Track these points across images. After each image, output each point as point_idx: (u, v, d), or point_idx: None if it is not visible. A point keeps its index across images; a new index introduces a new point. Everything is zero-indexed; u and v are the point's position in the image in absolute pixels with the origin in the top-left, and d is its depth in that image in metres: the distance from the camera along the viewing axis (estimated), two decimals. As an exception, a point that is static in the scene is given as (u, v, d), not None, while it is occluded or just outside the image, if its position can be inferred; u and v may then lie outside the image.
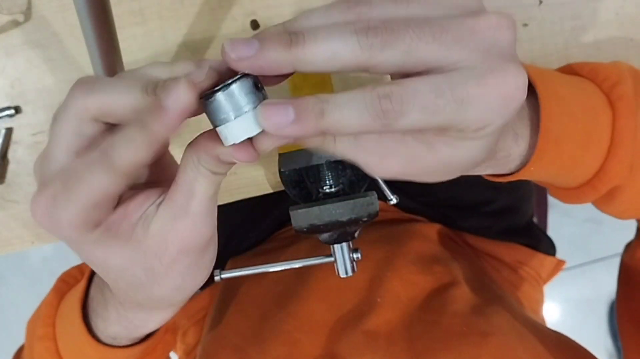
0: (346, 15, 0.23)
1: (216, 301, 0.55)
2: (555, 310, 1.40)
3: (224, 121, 0.23)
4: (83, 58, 0.43)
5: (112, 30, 0.33)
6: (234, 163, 0.26)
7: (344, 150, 0.25)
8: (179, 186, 0.27)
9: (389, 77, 0.29)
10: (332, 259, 0.39)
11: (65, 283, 0.42)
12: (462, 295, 0.46)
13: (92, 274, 0.40)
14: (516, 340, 0.41)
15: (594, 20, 0.45)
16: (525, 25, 0.45)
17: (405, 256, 0.50)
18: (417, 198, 0.62)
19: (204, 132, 0.26)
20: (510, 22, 0.24)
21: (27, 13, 0.42)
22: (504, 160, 0.33)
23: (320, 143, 0.25)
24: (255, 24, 0.43)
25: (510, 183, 0.61)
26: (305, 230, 0.37)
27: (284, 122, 0.22)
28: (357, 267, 0.39)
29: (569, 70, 0.38)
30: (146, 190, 0.28)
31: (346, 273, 0.38)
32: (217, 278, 0.38)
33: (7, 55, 0.43)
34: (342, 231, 0.38)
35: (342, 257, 0.38)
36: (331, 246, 0.38)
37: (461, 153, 0.25)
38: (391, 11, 0.23)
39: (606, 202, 0.38)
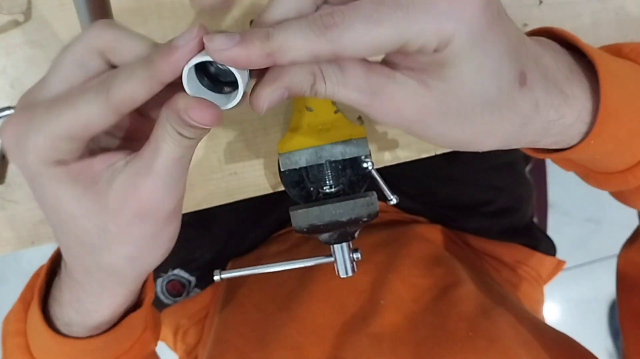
0: None
1: (218, 303, 0.55)
2: (555, 310, 1.40)
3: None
4: (83, 58, 0.43)
5: (112, 30, 0.33)
6: (198, 127, 0.25)
7: (334, 90, 0.25)
8: (149, 143, 0.26)
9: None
10: (332, 259, 0.39)
11: (39, 276, 0.41)
12: (467, 295, 0.46)
13: (55, 260, 0.38)
14: (521, 347, 0.41)
15: (594, 20, 0.45)
16: (525, 25, 0.45)
17: (406, 258, 0.49)
18: (418, 198, 0.62)
19: (178, 94, 0.25)
20: None
21: (27, 13, 0.42)
22: (558, 124, 0.29)
23: (310, 85, 0.25)
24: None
25: (510, 182, 0.61)
26: (305, 230, 0.37)
27: (228, 44, 0.22)
28: (357, 267, 0.39)
29: (615, 50, 0.36)
30: (119, 144, 0.28)
31: (346, 273, 0.38)
32: (217, 278, 0.37)
33: (7, 55, 0.43)
34: (342, 231, 0.38)
35: (342, 257, 0.38)
36: (331, 246, 0.38)
37: (457, 88, 0.24)
38: None
39: None
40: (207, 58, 0.23)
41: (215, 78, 0.26)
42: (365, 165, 0.38)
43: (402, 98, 0.25)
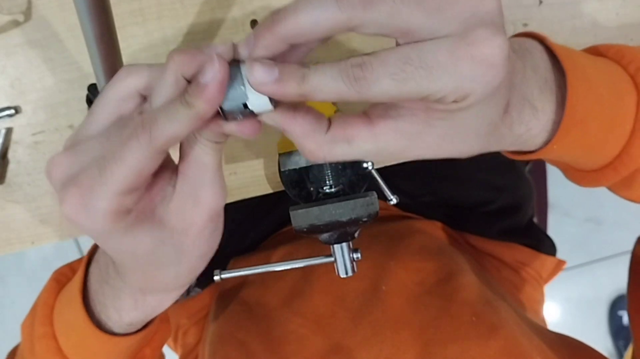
0: None
1: (217, 302, 0.55)
2: (555, 310, 1.40)
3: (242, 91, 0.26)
4: (83, 58, 0.43)
5: (112, 30, 0.33)
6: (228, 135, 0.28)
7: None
8: (189, 162, 0.28)
9: None
10: (332, 259, 0.39)
11: (58, 282, 0.42)
12: (470, 284, 0.46)
13: (87, 268, 0.39)
14: (523, 335, 0.41)
15: (594, 20, 0.45)
16: (525, 25, 0.45)
17: (408, 247, 0.49)
18: (418, 198, 0.62)
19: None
20: None
21: (27, 13, 0.42)
22: (525, 135, 0.31)
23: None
24: (255, 24, 0.43)
25: (510, 182, 0.61)
26: (305, 230, 0.37)
27: (268, 80, 0.24)
28: (357, 267, 0.39)
29: (595, 51, 0.38)
30: (161, 173, 0.29)
31: (346, 273, 0.38)
32: (217, 278, 0.38)
33: (7, 55, 0.43)
34: (342, 231, 0.38)
35: (342, 257, 0.38)
36: (331, 246, 0.38)
37: (458, 125, 0.26)
38: None
39: (625, 185, 0.37)
40: (244, 96, 0.25)
41: None
42: (365, 164, 0.38)
43: (405, 145, 0.27)
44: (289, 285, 0.48)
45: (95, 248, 0.40)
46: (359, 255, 0.38)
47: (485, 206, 0.64)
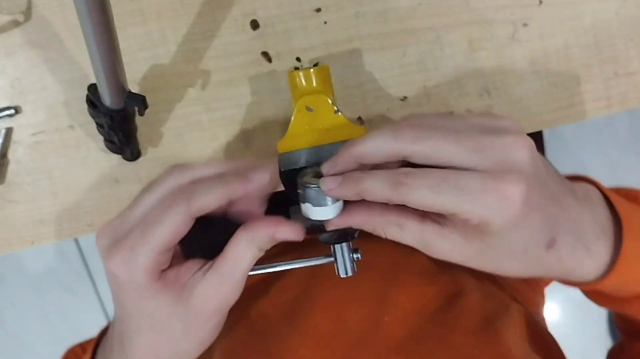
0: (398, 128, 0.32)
1: None
2: (555, 310, 1.40)
3: (315, 204, 0.34)
4: (83, 58, 0.43)
5: (112, 30, 0.33)
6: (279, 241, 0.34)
7: (396, 238, 0.34)
8: (228, 259, 0.33)
9: None
10: (332, 259, 0.39)
11: None
12: (472, 306, 0.45)
13: (95, 350, 0.43)
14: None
15: (594, 20, 0.45)
16: (525, 25, 0.45)
17: (410, 268, 0.48)
18: None
19: (260, 218, 0.34)
20: (526, 144, 0.30)
21: (27, 13, 0.42)
22: (577, 270, 0.35)
23: (373, 231, 0.35)
24: (255, 24, 0.43)
25: None
26: (305, 229, 0.37)
27: (333, 185, 0.32)
28: (357, 267, 0.39)
29: (632, 196, 0.44)
30: (193, 259, 0.35)
31: (346, 273, 0.38)
32: None
33: (7, 55, 0.43)
34: (342, 231, 0.38)
35: (342, 257, 0.38)
36: (331, 246, 0.38)
37: (491, 247, 0.31)
38: (437, 120, 0.32)
39: None
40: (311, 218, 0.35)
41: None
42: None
43: (448, 248, 0.33)
44: (290, 298, 0.48)
45: (102, 334, 0.43)
46: (359, 255, 0.38)
47: None
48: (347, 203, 0.35)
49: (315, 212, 0.34)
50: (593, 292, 0.42)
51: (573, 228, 0.34)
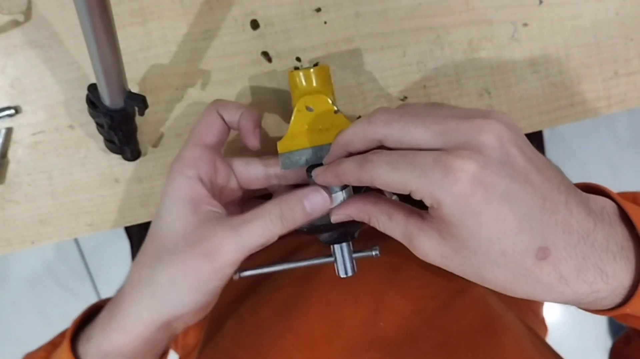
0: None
1: (213, 310, 0.55)
2: (555, 310, 1.40)
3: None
4: (83, 58, 0.43)
5: (112, 30, 0.33)
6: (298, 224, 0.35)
7: (385, 229, 0.35)
8: (250, 226, 0.34)
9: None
10: (332, 259, 0.39)
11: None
12: (471, 305, 0.45)
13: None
14: None
15: (594, 20, 0.45)
16: (525, 25, 0.45)
17: (408, 271, 0.48)
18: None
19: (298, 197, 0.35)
20: (495, 129, 0.29)
21: (27, 13, 0.42)
22: (591, 296, 0.32)
23: (367, 221, 0.35)
24: (255, 24, 0.43)
25: None
26: (305, 229, 0.37)
27: (320, 171, 0.35)
28: (357, 268, 0.39)
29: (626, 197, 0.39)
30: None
31: (346, 273, 0.38)
32: (235, 277, 0.39)
33: (7, 55, 0.43)
34: (342, 231, 0.38)
35: (342, 257, 0.38)
36: (331, 246, 0.38)
37: (464, 244, 0.30)
38: (417, 108, 0.33)
39: None
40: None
41: None
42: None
43: (428, 246, 0.32)
44: (285, 297, 0.47)
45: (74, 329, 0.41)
46: (377, 252, 0.39)
47: None
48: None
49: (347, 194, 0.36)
50: (619, 316, 0.37)
51: (579, 243, 0.30)
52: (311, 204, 0.35)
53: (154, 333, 0.37)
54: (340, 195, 0.36)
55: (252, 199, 0.44)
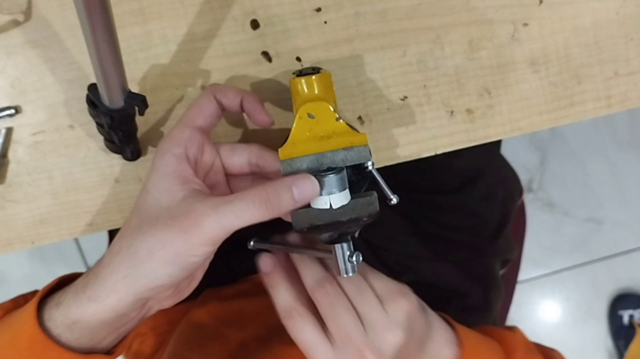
0: None
1: (184, 323, 0.55)
2: (555, 310, 1.40)
3: (341, 189, 0.36)
4: (83, 58, 0.43)
5: (112, 30, 0.33)
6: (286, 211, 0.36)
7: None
8: (234, 206, 0.34)
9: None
10: (332, 256, 0.39)
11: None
12: None
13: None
14: None
15: (594, 20, 0.45)
16: (525, 25, 0.45)
17: None
18: (398, 276, 0.58)
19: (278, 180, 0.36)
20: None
21: (27, 13, 0.42)
22: None
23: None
24: (255, 24, 0.43)
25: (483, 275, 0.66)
26: (305, 229, 0.37)
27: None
28: (357, 268, 0.39)
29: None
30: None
31: (346, 273, 0.38)
32: (250, 245, 0.44)
33: (7, 55, 0.43)
34: (342, 231, 0.38)
35: (342, 257, 0.38)
36: (332, 246, 0.38)
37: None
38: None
39: None
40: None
41: None
42: (365, 164, 0.38)
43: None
44: (265, 324, 0.48)
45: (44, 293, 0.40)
46: (360, 258, 0.38)
47: (460, 300, 0.66)
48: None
49: (339, 198, 0.36)
50: None
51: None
52: (299, 191, 0.34)
53: (125, 306, 0.36)
54: (332, 178, 0.36)
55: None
